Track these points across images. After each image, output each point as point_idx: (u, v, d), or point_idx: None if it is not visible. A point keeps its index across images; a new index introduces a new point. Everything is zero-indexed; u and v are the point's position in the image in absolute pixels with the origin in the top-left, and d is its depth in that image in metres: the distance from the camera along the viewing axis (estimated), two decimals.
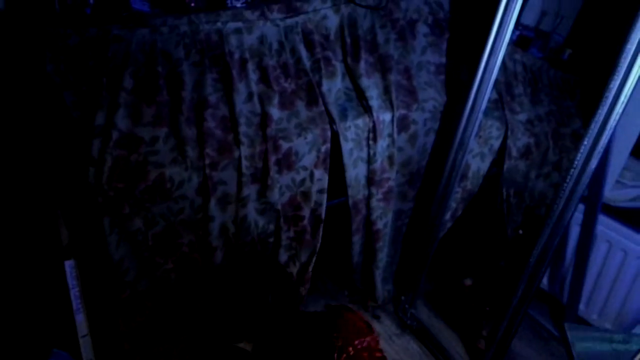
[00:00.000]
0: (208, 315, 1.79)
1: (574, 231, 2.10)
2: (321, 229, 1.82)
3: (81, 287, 1.47)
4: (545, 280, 2.36)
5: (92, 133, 1.36)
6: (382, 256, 2.09)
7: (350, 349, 1.96)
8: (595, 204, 1.91)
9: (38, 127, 1.38)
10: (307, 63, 1.66)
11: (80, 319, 1.48)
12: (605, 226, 2.01)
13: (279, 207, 1.68)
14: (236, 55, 1.52)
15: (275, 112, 1.58)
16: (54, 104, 1.35)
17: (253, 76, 1.55)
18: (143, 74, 1.42)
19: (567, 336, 1.47)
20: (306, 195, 1.73)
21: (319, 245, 1.86)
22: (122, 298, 1.54)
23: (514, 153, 2.02)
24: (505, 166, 2.04)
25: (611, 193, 1.99)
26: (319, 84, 1.68)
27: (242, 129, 1.52)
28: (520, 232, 2.23)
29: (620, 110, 1.38)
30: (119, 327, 1.59)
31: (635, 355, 1.27)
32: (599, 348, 1.43)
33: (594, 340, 1.48)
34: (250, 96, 1.55)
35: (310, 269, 1.89)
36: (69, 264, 1.42)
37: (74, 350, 1.50)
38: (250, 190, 1.60)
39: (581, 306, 2.19)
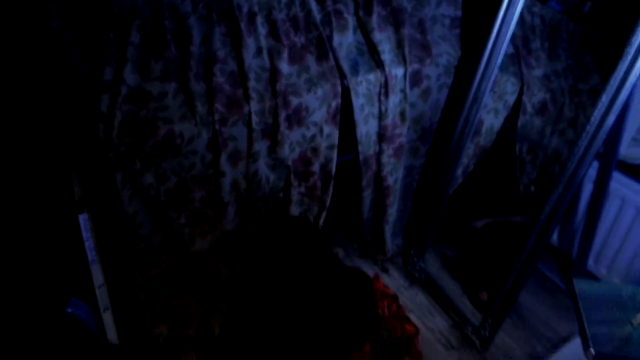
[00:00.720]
0: (225, 270, 1.83)
1: (587, 187, 2.09)
2: (331, 185, 1.83)
3: (96, 240, 1.51)
4: (555, 236, 2.37)
5: (100, 88, 1.36)
6: (392, 211, 2.11)
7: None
8: (610, 161, 1.88)
9: (47, 83, 1.38)
10: (318, 16, 1.61)
11: (96, 269, 1.52)
12: (619, 183, 1.99)
13: (290, 163, 1.69)
14: (244, 9, 1.48)
15: (284, 67, 1.56)
16: (62, 60, 1.34)
17: (262, 30, 1.52)
18: (150, 28, 1.39)
19: (574, 288, 1.49)
20: (316, 151, 1.73)
21: (328, 200, 1.87)
22: (137, 250, 1.58)
23: (529, 109, 1.98)
24: (520, 122, 2.00)
25: (627, 150, 1.96)
26: (330, 38, 1.63)
27: (252, 84, 1.51)
28: (532, 188, 2.22)
29: None
30: (134, 278, 1.64)
31: None
32: (607, 300, 1.45)
33: (601, 292, 1.50)
34: (259, 51, 1.52)
35: (321, 222, 1.91)
36: (82, 218, 1.45)
37: (92, 299, 1.56)
38: (260, 146, 1.60)
39: (590, 261, 2.21)
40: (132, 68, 1.38)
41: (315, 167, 1.77)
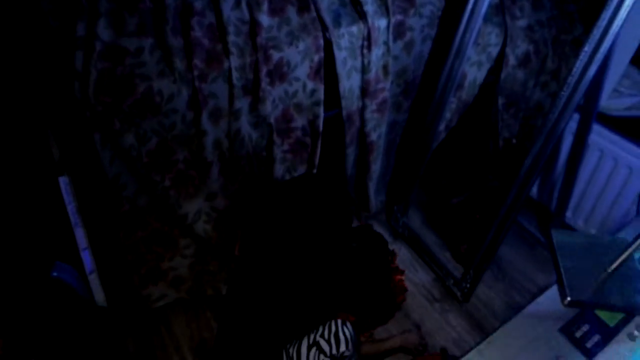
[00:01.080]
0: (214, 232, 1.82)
1: (567, 140, 2.11)
2: (319, 142, 1.82)
3: (78, 203, 1.49)
4: (534, 189, 2.41)
5: (74, 45, 1.30)
6: (376, 168, 2.11)
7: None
8: (590, 113, 1.89)
9: (17, 40, 1.31)
10: None
11: (80, 232, 1.51)
12: (598, 135, 2.01)
13: (272, 120, 1.66)
14: None
15: (264, 19, 1.51)
16: (31, 14, 1.28)
17: None
18: None
19: (552, 239, 1.52)
20: (299, 107, 1.70)
21: (317, 158, 1.86)
22: (122, 212, 1.56)
23: (512, 61, 1.96)
24: (502, 75, 1.99)
25: (607, 102, 1.97)
26: None
27: (231, 38, 1.46)
28: (514, 141, 2.23)
29: (624, 16, 1.33)
30: (120, 240, 1.63)
31: (619, 256, 1.33)
32: (583, 250, 1.49)
33: (578, 242, 1.54)
34: (238, 2, 1.46)
35: None
36: (63, 180, 1.42)
37: (77, 263, 1.55)
38: (242, 103, 1.56)
39: (568, 213, 2.26)
40: (105, 23, 1.31)
41: (298, 123, 1.74)
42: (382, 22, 1.69)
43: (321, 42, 1.60)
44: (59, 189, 1.42)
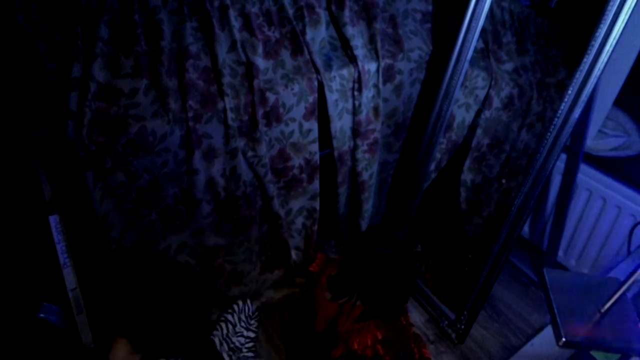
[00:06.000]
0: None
1: (556, 180, 2.14)
2: (317, 176, 1.85)
3: (67, 242, 1.47)
4: (526, 228, 2.42)
5: (68, 85, 1.32)
6: (368, 207, 2.12)
7: None
8: (577, 153, 1.93)
9: (13, 81, 1.33)
10: (290, 10, 1.60)
11: (69, 272, 1.48)
12: (586, 175, 2.05)
13: (267, 160, 1.68)
14: (216, 2, 1.46)
15: (260, 61, 1.54)
16: (28, 56, 1.30)
17: (235, 23, 1.49)
18: (119, 22, 1.36)
19: (545, 279, 1.52)
20: (295, 146, 1.73)
21: (318, 190, 1.90)
22: (108, 253, 1.55)
23: (496, 103, 2.01)
24: (485, 116, 2.03)
25: (593, 142, 2.02)
26: (303, 33, 1.63)
27: (226, 79, 1.49)
28: (504, 181, 2.26)
29: (606, 59, 1.38)
30: (106, 281, 1.60)
31: (612, 295, 1.32)
32: (577, 290, 1.49)
33: (571, 282, 1.53)
34: (233, 45, 1.50)
35: (316, 216, 1.97)
36: (53, 219, 1.41)
37: (65, 303, 1.52)
38: (237, 143, 1.58)
39: (560, 253, 2.26)
40: (101, 64, 1.34)
41: (295, 162, 1.76)
42: (372, 66, 1.73)
43: (315, 83, 1.63)
44: (48, 228, 1.40)
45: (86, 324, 1.57)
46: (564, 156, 1.99)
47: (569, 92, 1.47)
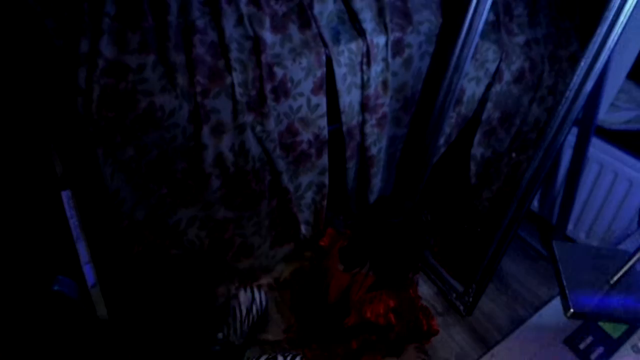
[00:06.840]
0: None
1: (567, 154, 2.12)
2: (326, 151, 1.85)
3: (80, 217, 1.49)
4: (535, 202, 2.41)
5: (77, 61, 1.32)
6: (376, 181, 2.12)
7: None
8: (588, 126, 1.90)
9: (21, 58, 1.34)
10: None
11: (82, 247, 1.51)
12: (598, 149, 2.02)
13: (276, 135, 1.68)
14: None
15: (268, 35, 1.53)
16: (36, 33, 1.30)
17: None
18: None
19: (554, 251, 1.52)
20: (304, 121, 1.72)
21: (327, 165, 1.90)
22: (120, 228, 1.57)
23: (507, 77, 1.98)
24: (495, 89, 2.01)
25: (605, 116, 1.99)
26: (311, 6, 1.60)
27: (234, 54, 1.48)
28: (514, 154, 2.24)
29: (619, 31, 1.35)
30: (119, 256, 1.63)
31: (621, 267, 1.32)
32: (586, 262, 1.49)
33: (581, 254, 1.53)
34: (240, 19, 1.49)
35: (325, 191, 1.96)
36: (65, 194, 1.43)
37: (78, 277, 1.55)
38: (246, 118, 1.58)
39: (570, 226, 2.26)
40: (108, 40, 1.34)
41: (303, 137, 1.76)
42: (380, 40, 1.71)
43: (323, 57, 1.62)
44: (61, 203, 1.43)
45: (100, 296, 1.60)
46: (575, 130, 1.97)
47: (582, 64, 1.44)
